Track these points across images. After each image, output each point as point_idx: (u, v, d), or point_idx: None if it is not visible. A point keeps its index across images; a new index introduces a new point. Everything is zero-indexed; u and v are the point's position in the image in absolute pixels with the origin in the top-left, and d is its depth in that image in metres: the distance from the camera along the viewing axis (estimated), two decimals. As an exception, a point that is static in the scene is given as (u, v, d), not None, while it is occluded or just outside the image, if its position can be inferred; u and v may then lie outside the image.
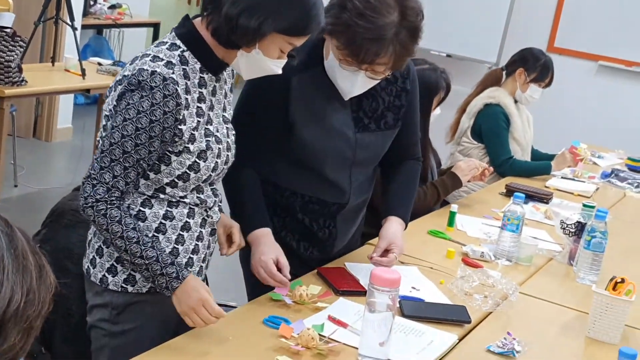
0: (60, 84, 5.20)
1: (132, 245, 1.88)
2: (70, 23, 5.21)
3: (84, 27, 6.75)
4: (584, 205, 3.04)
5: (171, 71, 1.88)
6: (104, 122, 1.96)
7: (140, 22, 7.87)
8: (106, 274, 2.00)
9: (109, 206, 1.88)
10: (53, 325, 2.45)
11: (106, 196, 1.88)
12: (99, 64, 5.51)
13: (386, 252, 2.38)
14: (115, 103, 1.90)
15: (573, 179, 4.18)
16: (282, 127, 2.31)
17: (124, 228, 1.88)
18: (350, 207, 2.49)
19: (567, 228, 2.86)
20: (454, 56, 6.64)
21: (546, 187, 3.95)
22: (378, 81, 2.27)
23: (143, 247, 1.89)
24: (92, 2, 7.19)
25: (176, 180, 1.96)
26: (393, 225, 2.42)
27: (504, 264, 2.75)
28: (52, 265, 1.26)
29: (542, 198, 3.66)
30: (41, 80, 4.99)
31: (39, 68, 5.48)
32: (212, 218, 2.09)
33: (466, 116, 4.17)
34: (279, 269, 2.20)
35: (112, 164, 1.88)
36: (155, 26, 7.77)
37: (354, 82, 2.24)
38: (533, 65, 4.13)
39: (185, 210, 2.01)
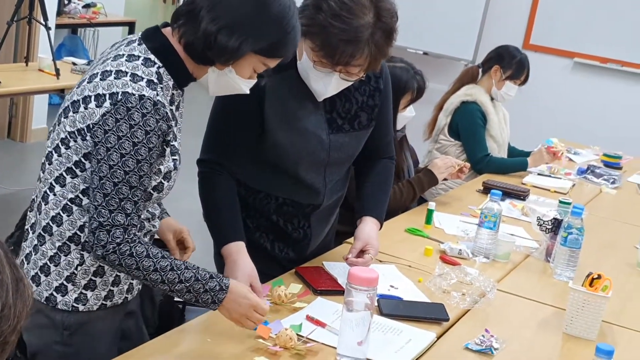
0: (34, 84, 5.15)
1: (168, 274, 1.81)
2: (43, 22, 5.16)
3: (58, 26, 6.70)
4: (560, 202, 3.06)
5: (156, 93, 1.79)
6: (63, 136, 1.83)
7: (115, 21, 7.82)
8: (54, 293, 1.89)
9: (132, 245, 1.78)
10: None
11: (126, 236, 1.78)
12: (74, 63, 5.47)
13: (362, 252, 2.36)
14: (90, 126, 1.78)
15: (549, 176, 4.21)
16: (255, 130, 2.29)
17: (155, 260, 1.80)
18: (325, 206, 2.48)
19: (543, 225, 2.87)
20: (430, 54, 6.66)
21: (523, 184, 3.96)
22: (352, 82, 2.25)
23: (179, 272, 1.82)
24: (66, 2, 7.13)
25: None
26: (368, 226, 2.40)
27: (481, 261, 2.76)
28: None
29: (519, 195, 3.68)
30: (15, 81, 4.93)
31: (13, 68, 5.43)
32: (155, 228, 2.04)
33: (443, 114, 4.18)
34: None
35: (122, 203, 1.77)
36: (131, 25, 7.72)
37: (327, 84, 2.22)
38: (509, 63, 4.15)
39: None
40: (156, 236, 2.11)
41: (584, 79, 6.51)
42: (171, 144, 1.88)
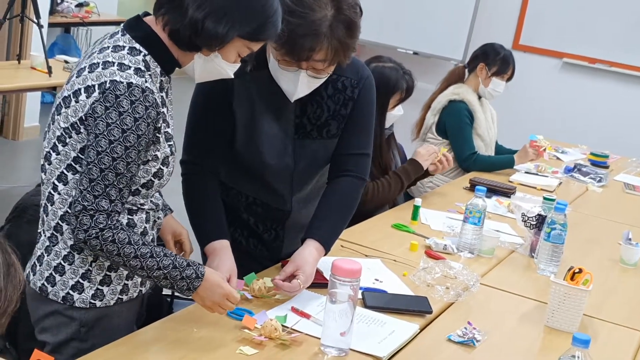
0: (26, 82, 5.15)
1: (148, 261, 1.84)
2: (35, 21, 5.18)
3: (51, 25, 6.71)
4: (545, 199, 3.09)
5: (144, 80, 1.81)
6: (58, 133, 1.85)
7: (108, 20, 7.82)
8: (70, 292, 1.93)
9: (114, 231, 1.81)
10: (17, 321, 2.45)
11: (109, 222, 1.81)
12: (66, 61, 5.49)
13: (293, 277, 2.20)
14: (82, 117, 1.80)
15: (537, 174, 4.25)
16: (228, 131, 2.31)
17: (136, 247, 1.83)
18: (299, 217, 2.46)
19: (528, 221, 2.90)
20: (420, 54, 6.70)
21: (510, 181, 4.00)
22: (322, 80, 2.23)
23: (158, 259, 1.85)
24: (59, 1, 7.14)
25: (140, 188, 1.91)
26: (307, 250, 2.24)
27: (466, 256, 2.79)
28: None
29: (506, 192, 3.71)
30: (7, 79, 4.95)
31: (5, 66, 5.44)
32: (160, 219, 2.08)
33: (431, 113, 4.22)
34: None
35: (107, 189, 1.80)
36: (123, 24, 7.72)
37: (296, 83, 2.20)
38: (493, 59, 4.20)
39: (144, 216, 1.98)
40: None
41: (572, 79, 6.57)
42: (164, 130, 1.90)
